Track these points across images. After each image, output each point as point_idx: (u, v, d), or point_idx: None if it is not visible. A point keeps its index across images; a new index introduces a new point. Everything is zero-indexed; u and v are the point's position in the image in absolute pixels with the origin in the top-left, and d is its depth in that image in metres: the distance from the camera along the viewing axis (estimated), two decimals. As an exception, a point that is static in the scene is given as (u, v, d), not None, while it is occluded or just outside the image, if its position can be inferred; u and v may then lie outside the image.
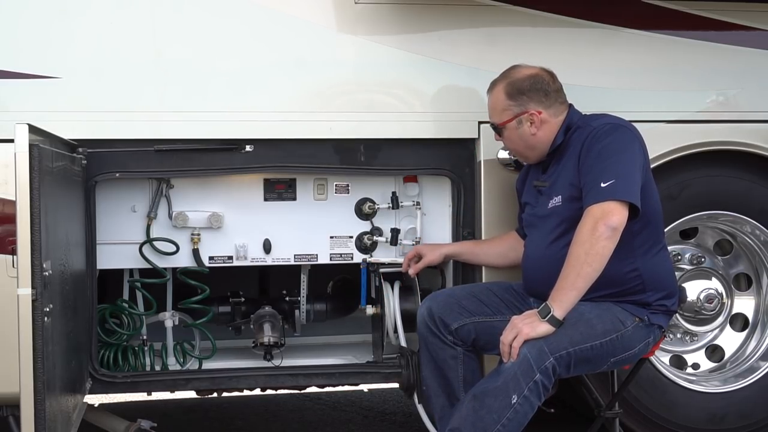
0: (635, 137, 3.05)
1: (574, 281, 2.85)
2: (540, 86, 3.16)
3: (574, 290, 2.86)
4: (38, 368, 2.43)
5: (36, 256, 2.43)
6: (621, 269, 3.00)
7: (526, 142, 3.19)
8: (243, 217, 3.54)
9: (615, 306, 3.01)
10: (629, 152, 2.99)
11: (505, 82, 3.19)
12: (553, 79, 3.20)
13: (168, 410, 4.61)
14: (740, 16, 3.73)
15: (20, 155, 2.42)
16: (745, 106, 3.75)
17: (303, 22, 3.42)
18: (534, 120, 3.14)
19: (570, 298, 2.86)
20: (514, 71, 3.21)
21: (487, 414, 2.83)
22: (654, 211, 3.08)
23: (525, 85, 3.16)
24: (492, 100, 3.24)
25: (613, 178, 2.90)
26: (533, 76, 3.17)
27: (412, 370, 3.46)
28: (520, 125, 3.17)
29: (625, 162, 2.96)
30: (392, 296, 3.63)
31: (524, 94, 3.15)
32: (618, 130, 3.04)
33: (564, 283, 2.87)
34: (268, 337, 3.64)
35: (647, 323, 3.05)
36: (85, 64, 3.28)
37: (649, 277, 3.05)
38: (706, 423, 3.79)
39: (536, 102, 3.15)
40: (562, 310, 2.85)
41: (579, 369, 2.97)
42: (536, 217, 3.19)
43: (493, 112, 3.25)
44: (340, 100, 3.47)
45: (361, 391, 5.00)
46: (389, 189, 3.63)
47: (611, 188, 2.89)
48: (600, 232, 2.83)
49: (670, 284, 3.14)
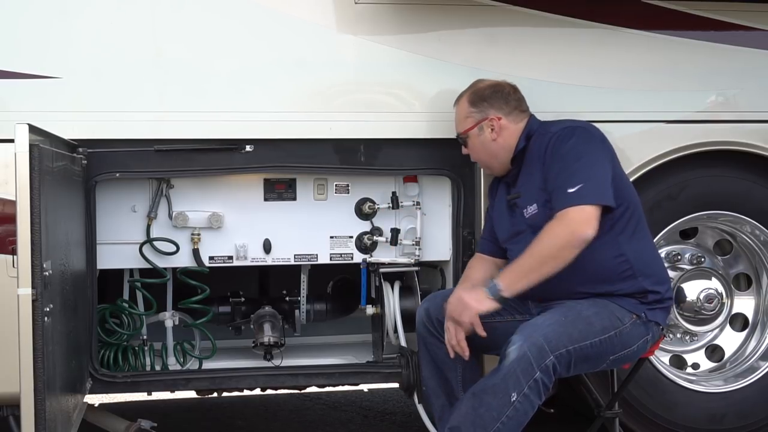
0: (592, 136, 3.10)
1: (529, 273, 2.93)
2: (500, 94, 3.24)
3: (527, 280, 2.93)
4: (38, 368, 2.43)
5: (36, 256, 2.43)
6: (608, 255, 3.03)
7: (488, 149, 3.24)
8: (243, 217, 3.54)
9: (612, 304, 3.03)
10: (592, 152, 3.04)
11: (468, 92, 3.30)
12: (514, 89, 3.28)
13: (168, 410, 4.61)
14: (740, 16, 3.73)
15: (20, 155, 2.42)
16: (745, 106, 3.75)
17: (303, 22, 3.42)
18: (494, 126, 3.21)
19: (521, 285, 2.93)
20: (478, 82, 3.32)
21: (487, 412, 2.84)
22: (626, 199, 3.09)
23: (486, 93, 3.25)
24: (457, 111, 3.33)
25: (582, 182, 2.95)
26: (495, 85, 3.28)
27: (412, 370, 3.46)
28: (482, 132, 3.23)
29: (591, 163, 3.01)
30: (392, 296, 3.63)
31: (485, 101, 3.24)
32: (576, 132, 3.09)
33: (519, 270, 2.94)
34: (268, 337, 3.64)
35: (645, 320, 3.06)
36: (85, 64, 3.28)
37: (636, 261, 3.06)
38: (706, 423, 3.79)
39: (496, 108, 3.22)
40: (510, 293, 2.94)
41: (579, 367, 2.98)
42: (516, 232, 3.20)
43: (457, 122, 3.33)
44: (340, 100, 3.48)
45: (361, 391, 5.00)
46: (389, 189, 3.63)
47: (581, 192, 2.94)
48: (572, 243, 2.90)
49: (658, 269, 3.16)
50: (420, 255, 3.63)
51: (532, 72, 3.56)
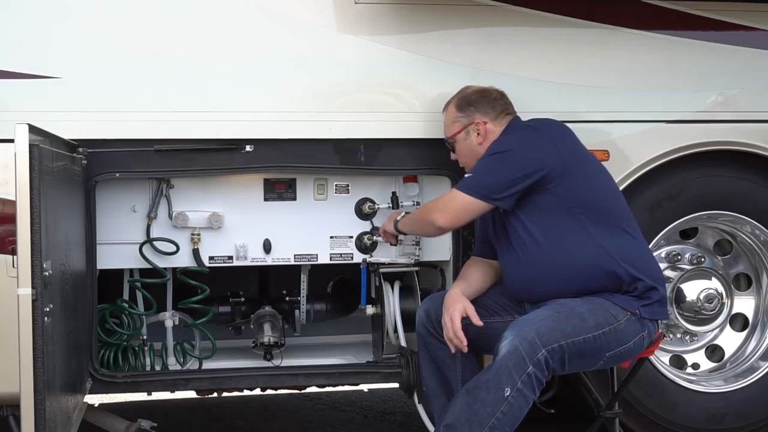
0: (529, 137, 3.13)
1: (412, 223, 3.33)
2: (487, 99, 3.27)
3: (409, 228, 3.34)
4: (38, 368, 2.43)
5: (36, 256, 2.43)
6: (586, 248, 3.04)
7: (474, 153, 3.25)
8: (243, 217, 3.54)
9: (606, 301, 3.03)
10: (509, 152, 3.10)
11: (456, 98, 3.34)
12: (501, 95, 3.31)
13: (168, 410, 4.61)
14: (740, 16, 3.73)
15: (20, 155, 2.42)
16: (745, 106, 3.76)
17: (303, 22, 3.42)
18: (480, 130, 3.24)
19: (407, 230, 3.36)
20: (466, 88, 3.36)
21: (481, 408, 2.84)
22: (587, 199, 3.08)
23: (473, 98, 3.29)
24: (445, 116, 3.36)
25: (474, 173, 3.15)
26: (482, 91, 3.31)
27: (412, 370, 3.46)
28: (468, 136, 3.26)
29: (497, 160, 3.10)
30: (392, 296, 3.63)
31: (472, 105, 3.27)
32: (516, 132, 3.19)
33: (410, 218, 3.35)
34: (268, 337, 3.64)
35: (639, 317, 3.05)
36: (85, 64, 3.28)
37: (617, 252, 3.04)
38: (706, 423, 3.79)
39: (482, 113, 3.25)
40: (402, 227, 3.36)
41: (574, 364, 2.98)
42: (501, 235, 3.21)
43: (445, 128, 3.36)
44: (340, 100, 3.48)
45: (361, 391, 5.00)
46: (389, 189, 3.63)
47: (466, 181, 3.15)
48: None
49: (646, 261, 3.12)
50: (420, 255, 3.63)
51: (532, 72, 3.56)
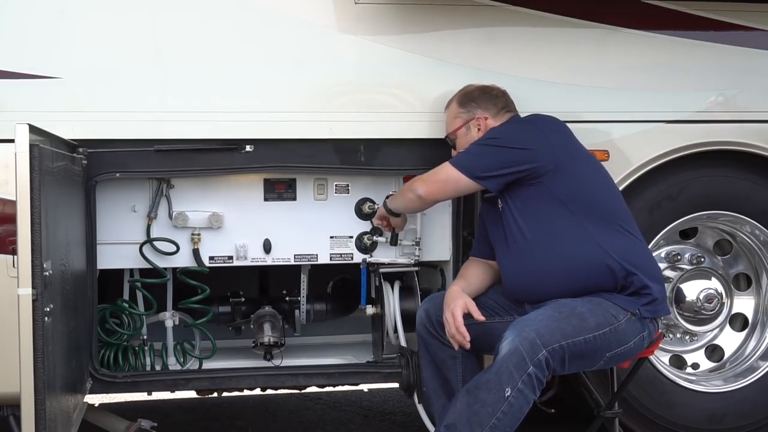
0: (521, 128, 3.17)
1: (397, 197, 3.35)
2: (488, 95, 3.31)
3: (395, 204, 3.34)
4: (38, 368, 2.43)
5: (36, 256, 2.43)
6: (583, 246, 3.05)
7: None
8: (243, 217, 3.54)
9: (606, 302, 3.03)
10: (502, 138, 3.13)
11: (458, 95, 3.37)
12: (503, 93, 3.35)
13: (168, 410, 4.61)
14: (740, 16, 3.73)
15: (20, 155, 2.42)
16: (745, 106, 3.76)
17: (303, 22, 3.42)
18: (480, 126, 3.27)
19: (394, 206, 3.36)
20: (468, 86, 3.39)
21: (482, 408, 2.84)
22: (582, 194, 3.09)
23: (475, 94, 3.33)
24: (447, 113, 3.39)
25: (465, 151, 3.20)
26: (484, 87, 3.35)
27: (412, 370, 3.46)
28: (469, 131, 3.29)
29: (490, 145, 3.14)
30: (392, 296, 3.63)
31: (473, 101, 3.31)
32: (510, 123, 3.25)
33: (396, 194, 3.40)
34: (268, 337, 3.64)
35: (640, 317, 3.05)
36: (85, 64, 3.28)
37: (613, 249, 3.04)
38: (705, 423, 3.79)
39: (483, 109, 3.29)
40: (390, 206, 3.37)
41: (575, 364, 2.98)
42: (499, 233, 3.21)
43: (447, 124, 3.39)
44: (340, 100, 3.48)
45: (361, 391, 5.00)
46: (389, 189, 3.62)
47: (458, 156, 3.21)
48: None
49: (642, 260, 3.11)
50: (420, 255, 3.63)
51: (532, 72, 3.56)
